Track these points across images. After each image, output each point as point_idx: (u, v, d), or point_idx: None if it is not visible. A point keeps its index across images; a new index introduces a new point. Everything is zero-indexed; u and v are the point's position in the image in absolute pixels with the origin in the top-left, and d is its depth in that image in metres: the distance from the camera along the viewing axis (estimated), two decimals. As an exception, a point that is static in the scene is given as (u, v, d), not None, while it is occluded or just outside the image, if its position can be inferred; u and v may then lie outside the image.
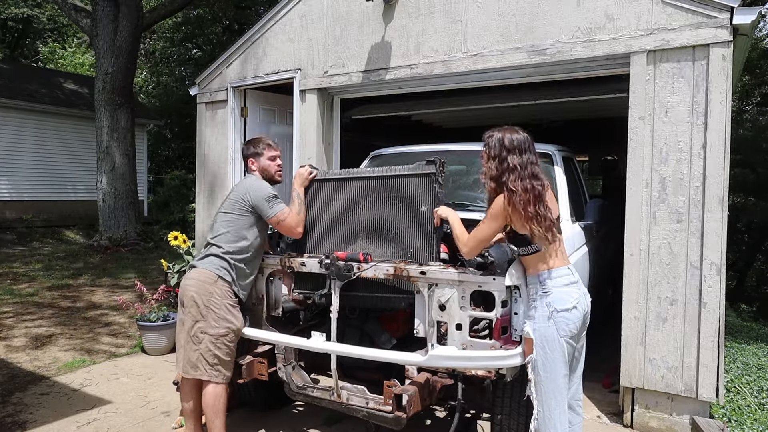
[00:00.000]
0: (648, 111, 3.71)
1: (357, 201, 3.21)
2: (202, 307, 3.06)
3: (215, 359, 3.06)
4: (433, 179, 2.98)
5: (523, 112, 6.52)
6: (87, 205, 14.32)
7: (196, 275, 3.12)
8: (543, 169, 4.04)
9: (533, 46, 4.11)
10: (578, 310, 2.53)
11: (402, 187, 3.08)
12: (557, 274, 2.54)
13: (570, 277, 2.57)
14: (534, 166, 2.60)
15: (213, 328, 3.05)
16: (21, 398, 4.12)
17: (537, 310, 2.54)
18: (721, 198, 3.48)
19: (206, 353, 3.04)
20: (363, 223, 3.19)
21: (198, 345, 3.05)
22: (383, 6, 4.78)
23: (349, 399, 3.00)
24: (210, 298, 3.06)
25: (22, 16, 22.77)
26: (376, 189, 3.15)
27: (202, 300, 3.06)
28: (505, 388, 2.87)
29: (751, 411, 3.80)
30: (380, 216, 3.13)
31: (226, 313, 3.09)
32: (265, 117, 6.16)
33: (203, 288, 3.07)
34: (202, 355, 3.04)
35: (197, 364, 3.05)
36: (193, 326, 3.06)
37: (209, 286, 3.08)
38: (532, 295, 2.59)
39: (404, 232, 3.06)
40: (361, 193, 3.20)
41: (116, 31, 10.98)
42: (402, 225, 3.07)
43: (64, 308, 6.75)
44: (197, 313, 3.06)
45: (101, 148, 11.26)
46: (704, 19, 3.51)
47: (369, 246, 3.15)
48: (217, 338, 3.06)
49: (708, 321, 3.52)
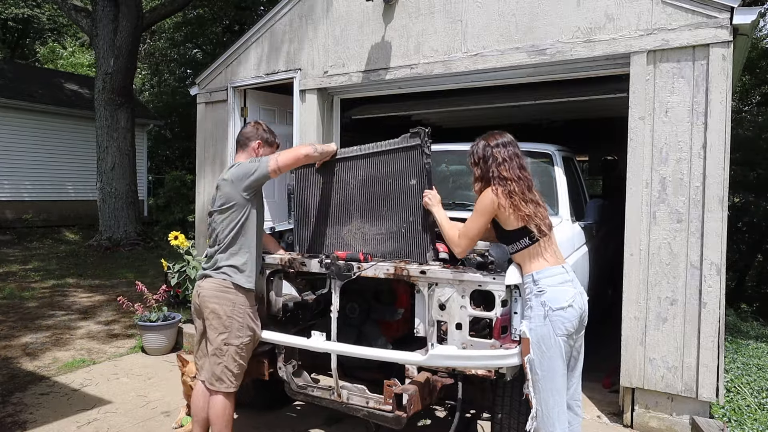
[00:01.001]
0: (648, 111, 3.71)
1: (347, 181, 3.20)
2: (225, 318, 2.94)
3: (239, 369, 2.98)
4: (419, 151, 2.97)
5: (523, 112, 6.51)
6: (87, 205, 14.32)
7: (213, 286, 2.98)
8: (543, 170, 4.10)
9: (533, 46, 4.11)
10: (574, 309, 2.52)
11: (389, 163, 3.08)
12: (551, 273, 2.54)
13: (564, 275, 2.57)
14: (521, 159, 2.65)
15: (237, 338, 2.95)
16: (21, 398, 4.12)
17: (533, 309, 2.54)
18: (721, 198, 3.48)
19: (231, 365, 2.95)
20: (355, 202, 3.19)
21: (222, 357, 2.94)
22: (383, 6, 4.79)
23: (349, 398, 2.99)
24: (232, 308, 2.94)
25: (22, 16, 22.77)
26: (365, 167, 3.15)
27: (224, 311, 2.94)
28: (506, 388, 2.87)
29: (751, 411, 3.80)
30: (371, 194, 3.13)
31: (249, 321, 3.00)
32: (265, 117, 6.15)
33: (223, 298, 2.95)
34: (227, 367, 2.94)
35: (222, 377, 2.95)
36: (217, 338, 2.95)
37: (229, 295, 2.96)
38: (527, 294, 2.59)
39: (396, 208, 3.05)
40: (351, 173, 3.20)
41: (116, 31, 10.98)
42: (393, 201, 3.06)
43: (63, 308, 6.75)
44: (220, 325, 2.94)
45: (101, 148, 11.26)
46: (704, 19, 3.51)
47: (363, 225, 3.15)
48: (241, 348, 2.97)
49: (708, 321, 3.52)
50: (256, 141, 3.13)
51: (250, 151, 3.12)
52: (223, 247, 3.00)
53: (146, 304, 5.31)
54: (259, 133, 3.14)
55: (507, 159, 2.63)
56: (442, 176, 4.37)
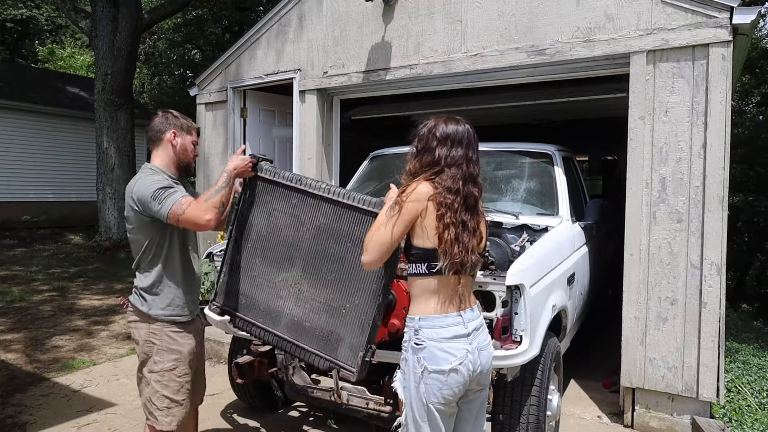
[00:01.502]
0: (648, 111, 3.71)
1: (302, 220, 2.61)
2: (143, 344, 2.57)
3: (165, 403, 2.56)
4: None
5: (523, 112, 6.52)
6: (87, 206, 14.31)
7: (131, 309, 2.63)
8: (543, 170, 4.10)
9: (533, 46, 4.11)
10: (459, 374, 1.97)
11: (356, 223, 2.45)
12: (438, 324, 1.98)
13: (458, 328, 1.99)
14: (474, 165, 2.06)
15: (157, 363, 2.55)
16: (21, 399, 4.11)
17: (407, 363, 2.02)
18: (721, 198, 3.48)
19: (153, 396, 2.55)
20: (302, 249, 2.60)
21: (147, 387, 2.58)
22: (383, 6, 4.79)
23: (349, 399, 2.99)
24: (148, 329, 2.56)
25: (21, 17, 22.78)
26: (327, 213, 2.54)
27: (140, 335, 2.58)
28: (506, 388, 2.87)
29: (751, 411, 3.80)
30: (323, 250, 2.53)
31: (168, 343, 2.56)
32: (264, 117, 6.16)
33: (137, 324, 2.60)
34: (150, 399, 2.57)
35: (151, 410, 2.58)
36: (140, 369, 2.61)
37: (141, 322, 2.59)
38: (404, 342, 2.07)
39: (345, 280, 2.46)
40: (308, 213, 2.59)
41: (116, 32, 10.97)
42: (345, 270, 2.46)
43: (64, 309, 6.74)
44: (140, 353, 2.59)
45: (101, 149, 11.25)
46: (704, 19, 3.51)
47: (302, 281, 2.59)
48: (162, 375, 2.55)
49: (708, 321, 3.52)
50: (170, 131, 2.61)
51: (165, 145, 2.61)
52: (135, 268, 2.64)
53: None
54: (170, 121, 2.63)
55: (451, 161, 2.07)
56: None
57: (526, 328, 2.65)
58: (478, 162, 2.09)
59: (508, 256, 2.70)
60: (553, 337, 3.12)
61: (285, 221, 2.65)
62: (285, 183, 2.65)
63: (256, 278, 2.74)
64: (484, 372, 2.07)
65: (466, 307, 2.04)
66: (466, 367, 1.99)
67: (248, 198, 2.76)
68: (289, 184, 2.64)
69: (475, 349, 2.02)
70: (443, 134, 2.06)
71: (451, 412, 2.06)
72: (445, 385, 1.97)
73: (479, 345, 2.04)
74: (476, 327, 2.05)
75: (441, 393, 1.97)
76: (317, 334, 2.52)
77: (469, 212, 2.01)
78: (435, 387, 1.97)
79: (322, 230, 2.54)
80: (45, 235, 13.07)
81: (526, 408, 2.83)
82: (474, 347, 2.02)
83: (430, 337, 1.98)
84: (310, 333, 2.55)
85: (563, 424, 3.75)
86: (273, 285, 2.68)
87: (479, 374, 2.05)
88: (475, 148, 2.10)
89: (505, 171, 4.19)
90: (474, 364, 2.01)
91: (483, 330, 2.10)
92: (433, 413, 1.99)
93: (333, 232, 2.51)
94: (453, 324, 2.00)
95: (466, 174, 2.03)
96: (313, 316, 2.54)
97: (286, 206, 2.65)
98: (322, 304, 2.52)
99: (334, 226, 2.51)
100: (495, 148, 4.28)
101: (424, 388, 1.98)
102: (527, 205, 3.92)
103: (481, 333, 2.07)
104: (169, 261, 2.58)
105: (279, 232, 2.67)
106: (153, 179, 2.50)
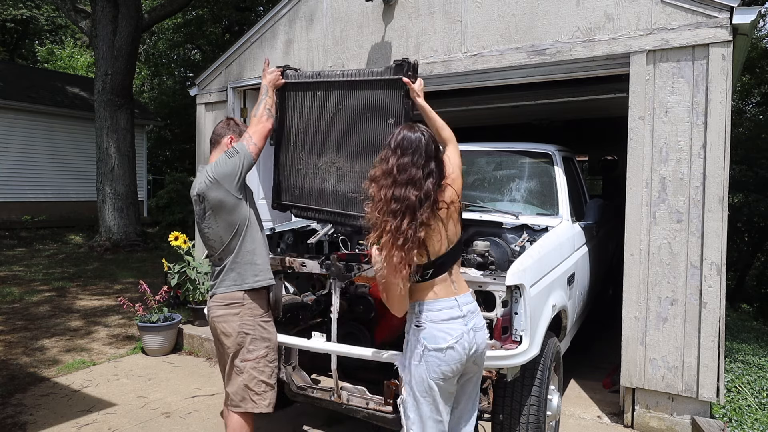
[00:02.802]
0: (648, 111, 3.71)
1: (327, 108, 3.02)
2: (235, 336, 2.75)
3: (260, 386, 2.78)
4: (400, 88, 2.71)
5: (523, 112, 6.52)
6: (87, 206, 14.32)
7: (216, 303, 2.79)
8: (543, 170, 4.10)
9: (533, 46, 4.11)
10: (456, 351, 2.16)
11: (370, 95, 2.83)
12: (435, 307, 2.20)
13: (454, 310, 2.20)
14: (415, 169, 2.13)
15: (251, 352, 2.77)
16: (21, 399, 4.11)
17: (409, 344, 2.25)
18: (722, 198, 3.48)
19: (251, 382, 2.76)
20: (333, 133, 3.01)
21: (241, 375, 2.76)
22: (383, 6, 4.79)
23: (349, 400, 2.99)
24: (240, 322, 2.75)
25: (21, 17, 22.78)
26: (346, 96, 2.94)
27: (232, 328, 2.75)
28: (506, 388, 2.87)
29: (751, 411, 3.80)
30: (349, 127, 2.93)
31: (260, 331, 2.79)
32: (264, 117, 6.16)
33: (228, 314, 2.76)
34: (247, 385, 2.76)
35: (244, 396, 2.77)
36: (232, 358, 2.77)
37: (233, 309, 2.75)
38: (407, 326, 2.30)
39: (372, 148, 2.82)
40: (331, 100, 3.00)
41: (116, 32, 10.98)
42: (369, 139, 2.84)
43: (64, 309, 6.74)
44: (233, 344, 2.75)
45: (101, 149, 11.25)
46: (704, 19, 3.51)
47: (339, 159, 3.03)
48: (258, 362, 2.77)
49: (708, 321, 3.52)
50: (228, 136, 2.90)
51: (223, 147, 2.89)
52: (226, 255, 2.78)
53: (147, 305, 5.31)
54: (230, 127, 2.94)
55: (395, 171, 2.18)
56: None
57: (526, 328, 2.65)
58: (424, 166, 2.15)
59: (508, 256, 2.71)
60: (553, 337, 3.12)
61: (315, 113, 3.04)
62: (307, 80, 3.05)
63: (302, 170, 3.20)
64: (479, 351, 2.26)
65: (460, 293, 2.25)
66: (462, 345, 2.18)
67: (282, 105, 3.19)
68: (310, 80, 3.03)
69: (471, 330, 2.21)
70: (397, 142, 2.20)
71: (450, 391, 2.23)
72: (443, 362, 2.16)
73: (474, 326, 2.24)
74: (471, 310, 2.25)
75: (440, 369, 2.16)
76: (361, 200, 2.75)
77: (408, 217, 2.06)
78: (434, 364, 2.16)
79: (345, 111, 2.94)
80: (45, 235, 13.07)
81: (526, 408, 2.83)
82: (469, 328, 2.21)
83: (429, 319, 2.19)
84: (354, 201, 2.94)
85: (563, 424, 3.75)
86: (317, 171, 3.12)
87: (475, 353, 2.23)
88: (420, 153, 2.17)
89: (505, 171, 4.20)
90: (470, 343, 2.20)
91: (477, 313, 2.29)
92: (433, 389, 2.17)
93: (353, 109, 2.90)
94: (449, 307, 2.20)
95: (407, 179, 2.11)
96: (354, 186, 2.94)
97: (313, 100, 3.04)
98: (358, 173, 2.91)
99: (353, 104, 2.90)
100: (495, 148, 4.28)
101: (425, 366, 2.17)
102: (527, 205, 3.92)
103: (476, 316, 2.27)
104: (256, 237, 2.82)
105: (312, 125, 3.07)
106: (217, 161, 2.75)
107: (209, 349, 5.15)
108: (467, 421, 2.38)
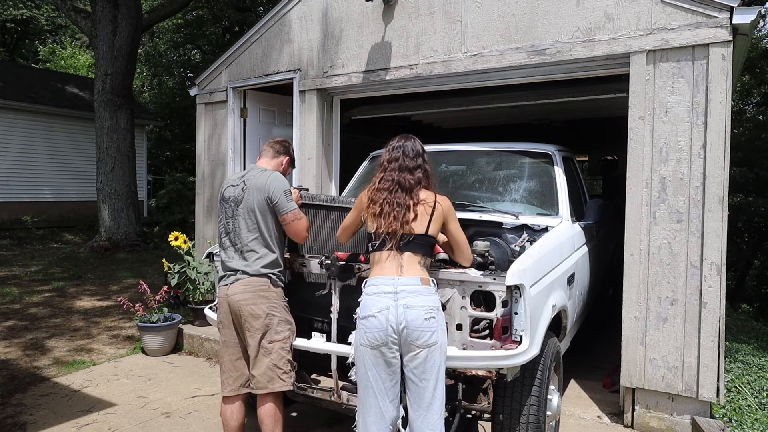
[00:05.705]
0: (648, 111, 3.71)
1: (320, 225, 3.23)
2: (264, 317, 2.93)
3: (288, 365, 2.97)
4: None
5: (523, 112, 6.53)
6: (87, 206, 14.32)
7: (245, 288, 2.96)
8: (543, 170, 4.10)
9: (533, 46, 4.11)
10: (377, 319, 2.41)
11: None
12: (373, 282, 2.50)
13: (387, 287, 2.45)
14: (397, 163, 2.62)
15: (279, 333, 2.95)
16: (21, 399, 4.11)
17: (356, 315, 2.55)
18: (721, 198, 3.48)
19: (280, 361, 2.94)
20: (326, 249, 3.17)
21: (270, 355, 2.93)
22: (383, 6, 4.79)
23: (349, 400, 2.99)
24: (269, 304, 2.95)
25: (21, 17, 22.78)
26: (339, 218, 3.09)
27: (262, 310, 2.94)
28: (506, 388, 2.87)
29: (751, 411, 3.80)
30: None
31: (286, 314, 3.02)
32: (264, 117, 6.16)
33: (259, 297, 2.95)
34: (276, 364, 2.93)
35: (273, 376, 2.92)
36: (260, 339, 2.93)
37: (264, 293, 2.96)
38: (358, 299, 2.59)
39: None
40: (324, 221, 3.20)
41: (116, 32, 10.97)
42: None
43: (63, 309, 6.74)
44: (262, 326, 2.93)
45: (101, 149, 11.25)
46: (704, 19, 3.51)
47: None
48: (285, 342, 2.97)
49: (708, 321, 3.52)
50: (285, 157, 3.25)
51: (277, 163, 3.21)
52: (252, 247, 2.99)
53: (147, 305, 5.31)
54: (290, 151, 3.28)
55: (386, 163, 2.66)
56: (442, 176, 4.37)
57: (526, 328, 2.65)
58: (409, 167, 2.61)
59: (508, 256, 2.71)
60: (553, 337, 3.12)
61: (326, 234, 3.21)
62: (321, 204, 3.20)
63: None
64: (410, 329, 2.39)
65: (404, 275, 2.46)
66: (385, 316, 2.40)
67: None
68: (325, 204, 3.19)
69: (401, 306, 2.40)
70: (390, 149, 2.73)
71: (384, 360, 2.43)
72: (367, 329, 2.43)
73: (407, 304, 2.40)
74: (408, 290, 2.43)
75: (366, 336, 2.44)
76: None
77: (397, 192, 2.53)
78: (362, 330, 2.46)
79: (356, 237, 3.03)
80: (44, 235, 13.07)
81: (526, 408, 2.83)
82: (399, 304, 2.41)
83: (366, 292, 2.50)
84: None
85: (563, 424, 3.75)
86: None
87: (405, 329, 2.39)
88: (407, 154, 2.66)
89: (505, 171, 4.19)
90: (396, 317, 2.39)
91: (417, 294, 2.43)
92: (361, 353, 2.47)
93: None
94: (384, 284, 2.45)
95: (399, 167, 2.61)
96: None
97: (325, 222, 3.21)
98: None
99: None
100: (495, 148, 4.28)
101: (358, 333, 2.50)
102: (527, 205, 3.92)
103: (412, 295, 2.42)
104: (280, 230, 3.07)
105: (323, 245, 3.22)
106: (284, 181, 3.07)
107: (209, 349, 5.15)
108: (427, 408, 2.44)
